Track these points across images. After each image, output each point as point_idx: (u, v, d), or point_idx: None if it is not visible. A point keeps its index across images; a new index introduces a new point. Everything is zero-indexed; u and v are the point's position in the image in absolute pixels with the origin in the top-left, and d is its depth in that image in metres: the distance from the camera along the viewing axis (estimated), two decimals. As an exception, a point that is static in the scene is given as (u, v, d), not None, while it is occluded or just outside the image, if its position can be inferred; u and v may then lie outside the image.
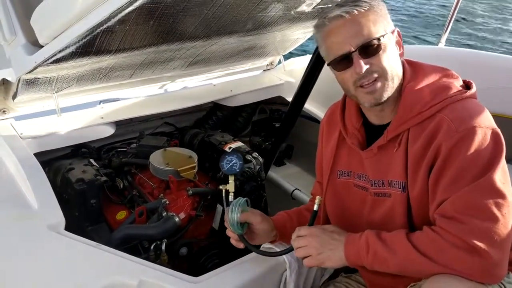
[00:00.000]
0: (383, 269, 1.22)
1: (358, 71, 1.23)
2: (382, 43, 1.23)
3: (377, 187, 1.34)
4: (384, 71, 1.24)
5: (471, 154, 1.14)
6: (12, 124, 2.08)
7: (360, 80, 1.25)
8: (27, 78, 1.78)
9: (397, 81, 1.28)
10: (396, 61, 1.28)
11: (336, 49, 1.26)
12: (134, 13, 1.47)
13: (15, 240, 1.46)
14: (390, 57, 1.25)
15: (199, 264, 1.95)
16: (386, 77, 1.25)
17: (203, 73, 2.59)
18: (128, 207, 2.05)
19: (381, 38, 1.23)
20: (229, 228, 1.46)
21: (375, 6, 1.24)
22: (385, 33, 1.25)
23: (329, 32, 1.27)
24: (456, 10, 2.92)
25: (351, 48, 1.23)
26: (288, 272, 1.49)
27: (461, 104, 1.23)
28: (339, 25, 1.24)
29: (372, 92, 1.26)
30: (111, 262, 1.41)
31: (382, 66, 1.24)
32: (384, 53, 1.24)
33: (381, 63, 1.24)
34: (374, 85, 1.25)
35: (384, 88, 1.25)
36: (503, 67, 2.41)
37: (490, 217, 1.11)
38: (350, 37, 1.23)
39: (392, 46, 1.28)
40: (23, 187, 1.70)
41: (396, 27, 1.31)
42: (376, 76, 1.24)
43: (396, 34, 1.31)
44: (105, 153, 2.31)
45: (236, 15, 1.82)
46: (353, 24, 1.23)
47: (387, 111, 1.32)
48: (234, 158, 1.51)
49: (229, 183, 1.50)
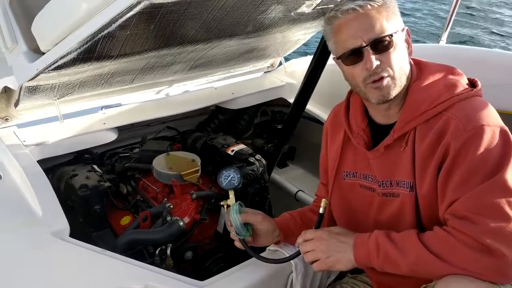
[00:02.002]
0: (393, 271, 1.21)
1: (369, 66, 1.22)
2: (393, 40, 1.23)
3: (385, 188, 1.34)
4: (393, 69, 1.23)
5: (480, 153, 1.13)
6: (15, 132, 2.08)
7: (370, 77, 1.24)
8: (29, 85, 1.78)
9: (404, 80, 1.27)
10: (405, 59, 1.28)
11: (347, 43, 1.25)
12: (134, 18, 1.47)
13: (20, 248, 1.45)
14: (400, 55, 1.25)
15: (204, 268, 1.95)
16: (395, 75, 1.24)
17: (204, 76, 2.59)
18: (132, 212, 2.04)
19: (393, 34, 1.22)
20: (233, 233, 1.46)
21: (388, 2, 1.24)
22: (397, 30, 1.24)
23: (341, 25, 1.25)
24: (456, 7, 2.92)
25: (362, 43, 1.22)
26: (294, 274, 1.48)
27: (468, 102, 1.22)
28: (352, 19, 1.23)
29: (381, 89, 1.24)
30: (116, 268, 1.41)
31: (391, 63, 1.23)
32: (395, 51, 1.23)
33: (391, 60, 1.23)
34: (382, 82, 1.24)
35: (393, 86, 1.25)
36: (504, 64, 2.40)
37: (503, 217, 1.10)
38: (363, 31, 1.22)
39: (402, 44, 1.27)
40: (27, 195, 1.70)
41: (405, 26, 1.30)
42: (385, 73, 1.23)
43: (406, 33, 1.30)
44: (108, 159, 2.31)
45: (236, 18, 1.82)
46: (366, 18, 1.22)
47: (393, 110, 1.32)
48: (231, 172, 1.50)
49: (230, 198, 1.48)
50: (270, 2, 1.77)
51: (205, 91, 2.70)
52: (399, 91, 1.27)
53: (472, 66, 1.51)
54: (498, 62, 2.42)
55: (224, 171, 1.50)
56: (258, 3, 1.74)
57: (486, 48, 2.89)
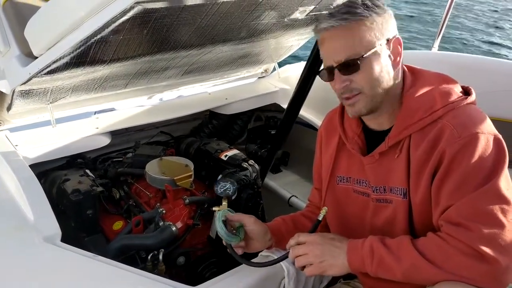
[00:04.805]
0: (387, 276, 1.21)
1: (337, 87, 1.27)
2: (365, 60, 1.22)
3: (379, 193, 1.34)
4: (364, 88, 1.25)
5: (475, 160, 1.14)
6: (7, 136, 2.07)
7: (342, 94, 1.28)
8: (22, 89, 1.77)
9: (380, 96, 1.27)
10: (385, 73, 1.25)
11: (324, 61, 1.29)
12: (127, 23, 1.47)
13: (11, 253, 1.44)
14: (374, 71, 1.23)
15: (197, 273, 1.94)
16: (366, 93, 1.25)
17: (198, 81, 2.59)
18: (125, 217, 2.04)
19: (364, 55, 1.22)
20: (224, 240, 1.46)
21: (365, 18, 1.21)
22: (373, 47, 1.22)
23: (320, 42, 1.29)
24: (448, 14, 2.94)
25: (333, 63, 1.25)
26: (287, 279, 1.48)
27: (462, 110, 1.23)
28: (326, 37, 1.26)
29: (353, 105, 1.28)
30: (108, 273, 1.40)
31: (362, 83, 1.24)
32: (366, 71, 1.23)
33: (361, 80, 1.24)
34: (354, 99, 1.27)
35: (364, 103, 1.27)
36: (496, 71, 2.42)
37: (496, 224, 1.11)
38: (333, 52, 1.25)
39: (382, 57, 1.24)
40: (19, 199, 1.68)
41: (396, 35, 1.27)
42: (355, 92, 1.26)
43: (393, 44, 1.26)
44: (100, 163, 2.31)
45: (230, 24, 1.82)
46: (337, 38, 1.24)
47: (384, 117, 1.33)
48: (228, 184, 1.53)
49: (222, 205, 1.49)
50: (263, 8, 1.78)
51: (199, 96, 2.71)
52: (374, 105, 1.28)
53: (465, 73, 1.53)
54: (490, 69, 2.44)
55: (222, 182, 1.53)
56: (251, 9, 1.75)
57: (478, 55, 2.91)
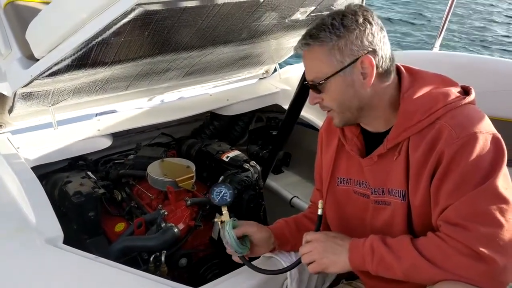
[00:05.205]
0: (388, 275, 1.22)
1: (310, 102, 1.34)
2: (326, 84, 1.25)
3: (377, 195, 1.34)
4: (333, 106, 1.30)
5: (473, 160, 1.14)
6: (9, 138, 2.07)
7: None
8: (23, 92, 1.78)
9: (353, 110, 1.29)
10: (352, 93, 1.25)
11: None
12: (129, 25, 1.47)
13: (13, 255, 1.44)
14: (338, 93, 1.27)
15: (199, 274, 1.94)
16: (336, 110, 1.31)
17: (199, 83, 2.59)
18: (127, 219, 2.04)
19: (325, 79, 1.24)
20: (231, 251, 1.45)
21: (325, 43, 1.21)
22: (335, 70, 1.22)
23: None
24: (449, 14, 2.94)
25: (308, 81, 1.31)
26: (289, 280, 1.48)
27: (461, 110, 1.22)
28: (302, 55, 1.30)
29: (331, 118, 1.35)
30: (110, 275, 1.40)
31: (329, 103, 1.30)
32: (329, 93, 1.27)
33: (328, 100, 1.30)
34: (329, 113, 1.34)
35: (338, 119, 1.33)
36: (496, 71, 2.42)
37: (494, 223, 1.11)
38: (306, 71, 1.31)
39: (347, 79, 1.24)
40: (21, 201, 1.68)
41: (366, 55, 1.21)
42: (327, 109, 1.33)
43: (363, 64, 1.22)
44: (102, 165, 2.31)
45: (231, 25, 1.82)
46: (305, 60, 1.30)
47: (378, 122, 1.33)
48: (223, 188, 1.48)
49: (223, 214, 1.47)
50: (264, 9, 1.78)
51: (200, 98, 2.71)
52: (349, 119, 1.33)
53: (465, 72, 1.53)
54: (490, 69, 2.44)
55: (216, 188, 1.48)
56: (252, 10, 1.75)
57: (478, 55, 2.91)
